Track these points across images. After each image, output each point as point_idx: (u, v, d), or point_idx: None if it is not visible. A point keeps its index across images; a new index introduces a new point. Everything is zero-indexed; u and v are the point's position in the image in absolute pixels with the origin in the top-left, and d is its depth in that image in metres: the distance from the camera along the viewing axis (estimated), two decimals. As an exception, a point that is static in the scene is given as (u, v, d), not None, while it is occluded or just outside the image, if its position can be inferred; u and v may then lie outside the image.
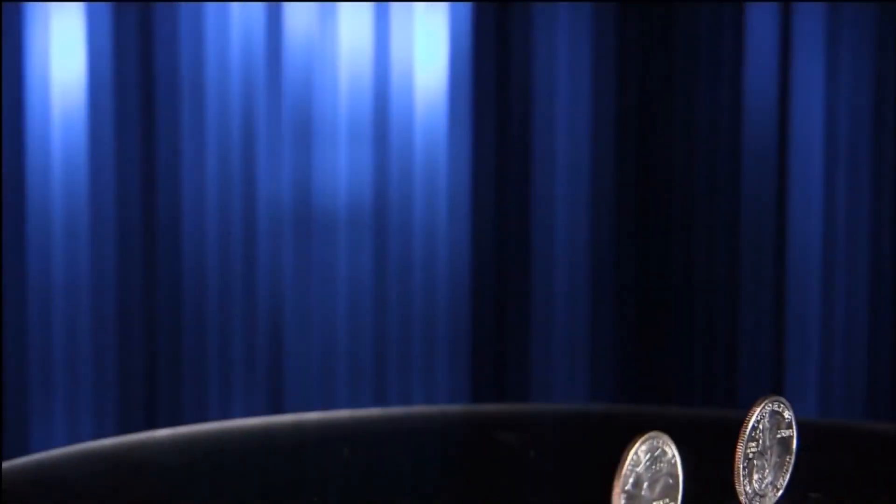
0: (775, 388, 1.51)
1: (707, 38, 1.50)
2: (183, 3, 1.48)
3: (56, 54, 1.49)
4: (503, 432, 0.81)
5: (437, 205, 1.51)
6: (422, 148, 1.51)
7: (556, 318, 1.54)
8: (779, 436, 0.71)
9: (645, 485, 0.63)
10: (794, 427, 0.71)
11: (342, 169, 1.50)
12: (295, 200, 1.49)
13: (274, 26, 1.49)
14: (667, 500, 0.64)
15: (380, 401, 1.53)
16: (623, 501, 0.62)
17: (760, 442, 0.70)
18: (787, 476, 0.71)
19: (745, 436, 0.69)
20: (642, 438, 0.64)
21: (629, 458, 0.63)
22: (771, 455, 0.71)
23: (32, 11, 1.49)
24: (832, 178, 1.50)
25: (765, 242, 1.51)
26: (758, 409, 0.70)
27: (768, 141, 1.50)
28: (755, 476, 0.70)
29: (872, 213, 1.51)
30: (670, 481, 0.65)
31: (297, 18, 1.48)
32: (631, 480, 0.63)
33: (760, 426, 0.70)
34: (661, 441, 0.64)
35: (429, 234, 1.51)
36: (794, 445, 0.71)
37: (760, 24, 1.49)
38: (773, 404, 0.70)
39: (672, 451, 0.65)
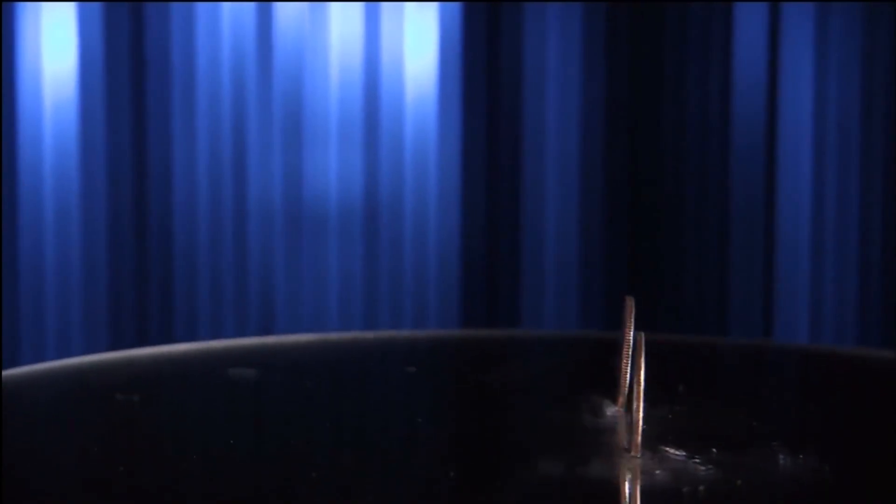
0: (766, 318, 1.53)
1: (696, 35, 1.51)
2: (174, 3, 1.46)
3: (48, 52, 1.47)
4: (238, 368, 0.79)
5: (427, 198, 1.50)
6: (412, 143, 1.51)
7: (546, 248, 1.53)
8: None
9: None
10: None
11: (332, 165, 1.50)
12: (285, 195, 1.49)
13: (264, 25, 1.48)
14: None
15: (370, 326, 1.52)
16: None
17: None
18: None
19: (630, 336, 0.71)
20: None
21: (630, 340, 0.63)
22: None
23: (25, 9, 1.46)
24: (821, 143, 1.51)
25: (754, 183, 1.51)
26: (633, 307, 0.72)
27: (757, 128, 1.51)
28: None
29: (861, 172, 1.52)
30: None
31: (287, 17, 1.48)
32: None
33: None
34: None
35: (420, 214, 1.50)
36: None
37: (749, 22, 1.50)
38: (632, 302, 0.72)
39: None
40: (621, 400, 0.73)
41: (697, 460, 0.63)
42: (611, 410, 0.73)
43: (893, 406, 0.74)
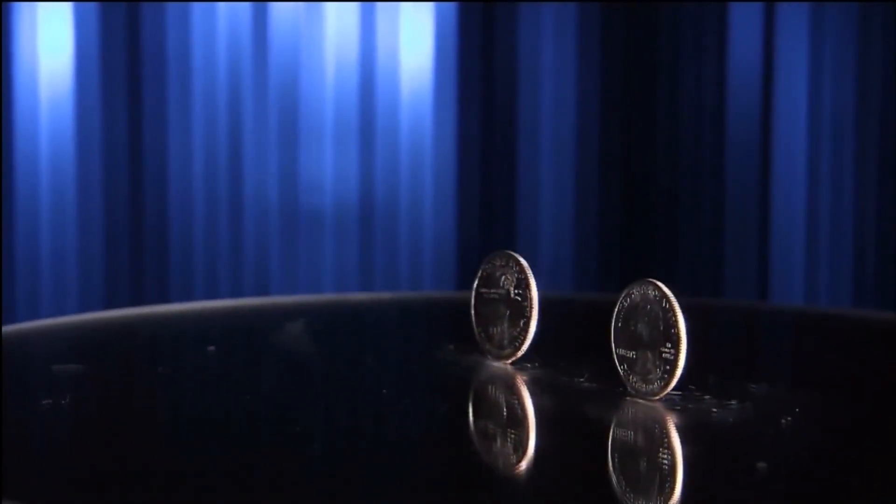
0: (761, 279, 1.51)
1: (691, 31, 1.52)
2: (170, 3, 1.45)
3: (44, 51, 1.46)
4: (62, 365, 0.77)
5: (422, 193, 1.51)
6: (407, 139, 1.50)
7: (542, 236, 1.53)
8: (513, 294, 0.77)
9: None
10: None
11: (329, 159, 1.50)
12: (282, 189, 1.49)
13: (260, 23, 1.48)
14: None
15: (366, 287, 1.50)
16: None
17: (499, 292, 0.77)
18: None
19: (535, 293, 0.76)
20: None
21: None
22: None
23: (21, 7, 1.45)
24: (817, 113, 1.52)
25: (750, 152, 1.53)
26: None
27: (752, 108, 1.52)
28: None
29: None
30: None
31: (283, 15, 1.49)
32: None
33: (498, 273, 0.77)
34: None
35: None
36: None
37: (745, 18, 1.51)
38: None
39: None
40: (519, 353, 0.76)
41: (707, 397, 0.70)
42: (496, 363, 0.76)
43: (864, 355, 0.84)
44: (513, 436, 0.67)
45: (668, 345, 0.69)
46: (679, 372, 0.69)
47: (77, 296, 1.49)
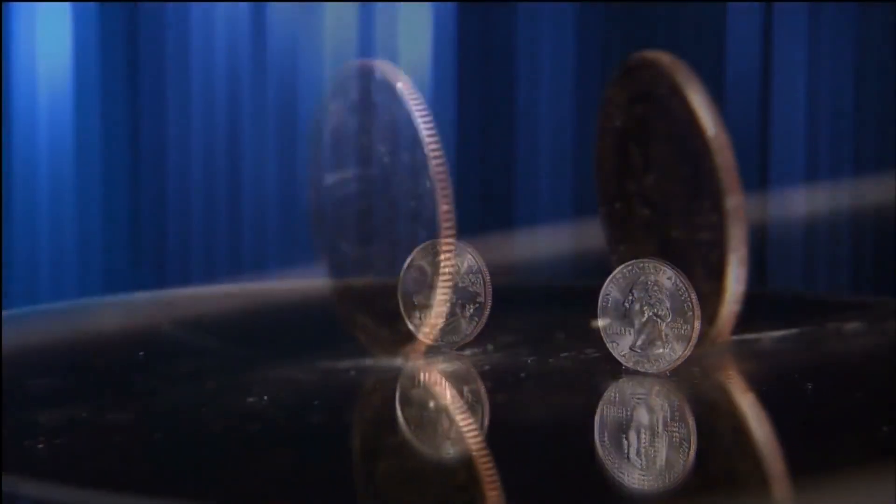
0: (759, 274, 1.44)
1: (690, 31, 1.51)
2: (169, 3, 1.44)
3: (43, 50, 1.43)
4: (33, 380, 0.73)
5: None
6: None
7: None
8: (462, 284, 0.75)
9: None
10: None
11: None
12: (281, 188, 1.47)
13: (258, 24, 1.45)
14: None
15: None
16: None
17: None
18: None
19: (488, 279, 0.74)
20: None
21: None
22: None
23: (20, 7, 1.43)
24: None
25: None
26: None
27: (750, 112, 1.53)
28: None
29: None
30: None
31: (281, 15, 1.46)
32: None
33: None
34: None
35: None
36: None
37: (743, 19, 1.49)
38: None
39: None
40: (468, 339, 0.74)
41: (696, 369, 0.72)
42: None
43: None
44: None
45: (680, 320, 0.70)
46: (691, 347, 0.71)
47: (76, 296, 1.45)
